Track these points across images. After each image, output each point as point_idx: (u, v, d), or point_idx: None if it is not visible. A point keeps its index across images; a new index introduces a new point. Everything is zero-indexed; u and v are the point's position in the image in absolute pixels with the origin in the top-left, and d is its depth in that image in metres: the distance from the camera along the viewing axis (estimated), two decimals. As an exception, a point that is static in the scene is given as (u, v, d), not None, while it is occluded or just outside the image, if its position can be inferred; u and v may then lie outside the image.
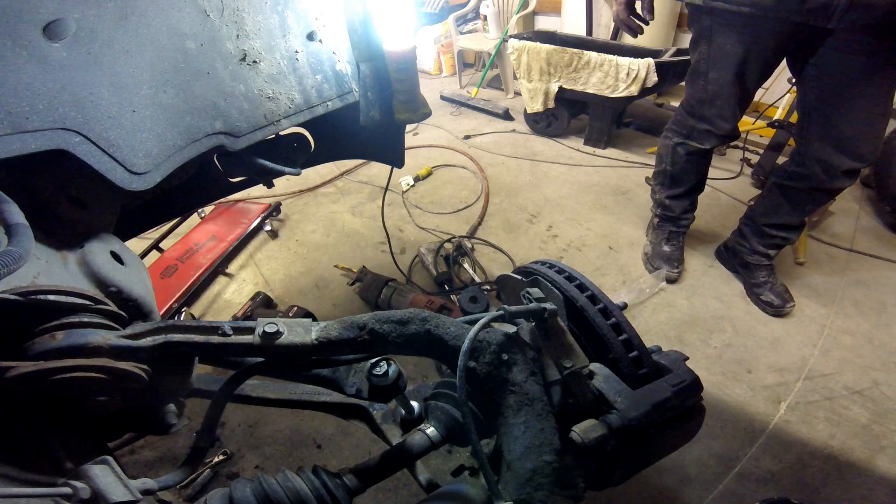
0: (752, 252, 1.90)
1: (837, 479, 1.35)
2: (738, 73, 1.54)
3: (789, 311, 1.86)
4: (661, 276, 2.02)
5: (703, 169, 1.94)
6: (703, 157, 1.89)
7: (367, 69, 1.09)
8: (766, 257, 1.89)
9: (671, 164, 1.94)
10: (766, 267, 1.91)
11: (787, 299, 1.86)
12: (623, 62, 2.58)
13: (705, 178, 2.00)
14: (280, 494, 0.58)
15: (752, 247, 1.89)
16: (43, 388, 0.47)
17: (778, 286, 1.89)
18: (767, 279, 1.90)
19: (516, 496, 0.60)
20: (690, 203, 2.05)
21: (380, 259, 2.23)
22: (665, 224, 2.11)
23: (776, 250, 1.88)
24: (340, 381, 0.87)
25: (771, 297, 1.87)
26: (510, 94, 3.92)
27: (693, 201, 2.06)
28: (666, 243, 2.10)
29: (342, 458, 1.46)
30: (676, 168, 1.93)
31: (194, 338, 0.58)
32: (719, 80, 1.59)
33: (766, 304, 1.88)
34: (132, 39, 0.72)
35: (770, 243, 1.85)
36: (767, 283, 1.89)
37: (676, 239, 2.10)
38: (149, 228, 1.32)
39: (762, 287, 1.90)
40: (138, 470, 1.44)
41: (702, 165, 1.92)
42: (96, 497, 0.45)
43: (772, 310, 1.86)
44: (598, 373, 0.73)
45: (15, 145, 0.57)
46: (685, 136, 1.82)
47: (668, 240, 2.10)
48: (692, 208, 2.07)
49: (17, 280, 0.53)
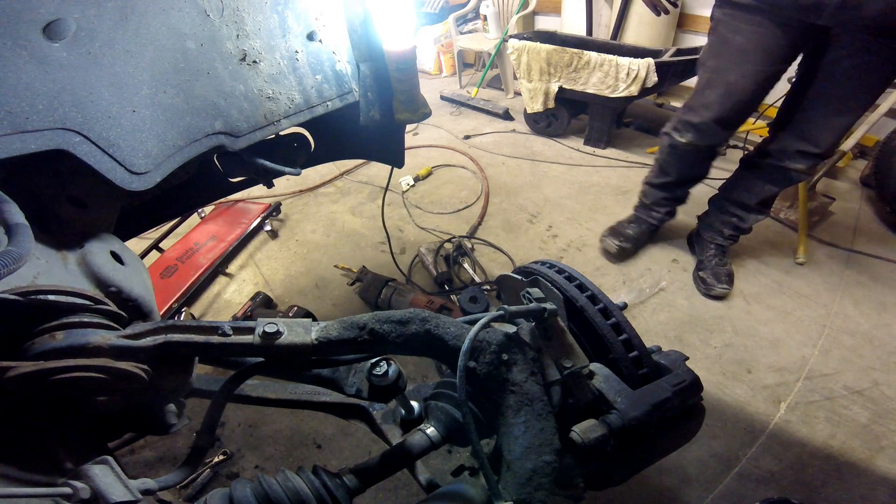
0: (707, 228, 1.98)
1: (837, 479, 1.35)
2: (738, 62, 1.54)
3: (720, 293, 1.90)
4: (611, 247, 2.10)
5: (683, 166, 1.90)
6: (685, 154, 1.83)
7: (367, 69, 1.09)
8: (720, 235, 1.94)
9: (660, 153, 1.97)
10: (716, 247, 1.96)
11: (723, 281, 1.89)
12: (623, 62, 2.58)
13: (687, 181, 1.97)
14: (280, 494, 0.58)
15: (710, 222, 1.97)
16: (43, 388, 0.46)
17: (721, 268, 1.93)
18: (713, 258, 1.95)
19: (516, 496, 0.60)
20: (664, 198, 2.04)
21: (380, 259, 2.23)
22: (639, 209, 2.17)
23: (731, 231, 1.92)
24: (340, 381, 0.87)
25: (707, 275, 1.92)
26: (510, 94, 3.92)
27: (669, 198, 2.04)
28: (629, 224, 2.16)
29: (342, 458, 1.46)
30: (662, 156, 1.96)
31: (194, 338, 0.58)
32: (715, 68, 1.60)
33: (700, 281, 1.95)
34: (132, 39, 0.72)
35: (726, 220, 1.91)
36: (712, 262, 1.95)
37: (639, 226, 2.14)
38: (149, 228, 1.32)
39: (704, 264, 1.96)
40: (138, 470, 1.44)
41: (683, 163, 1.88)
42: (96, 497, 0.44)
43: (703, 287, 1.93)
44: (598, 373, 0.73)
45: (15, 145, 0.57)
46: (672, 126, 1.83)
47: (631, 221, 2.17)
48: (666, 205, 2.07)
49: (17, 280, 0.53)
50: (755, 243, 2.20)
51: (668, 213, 2.11)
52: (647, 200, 2.09)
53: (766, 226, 2.31)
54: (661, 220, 2.13)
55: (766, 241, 2.22)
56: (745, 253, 2.15)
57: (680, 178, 1.95)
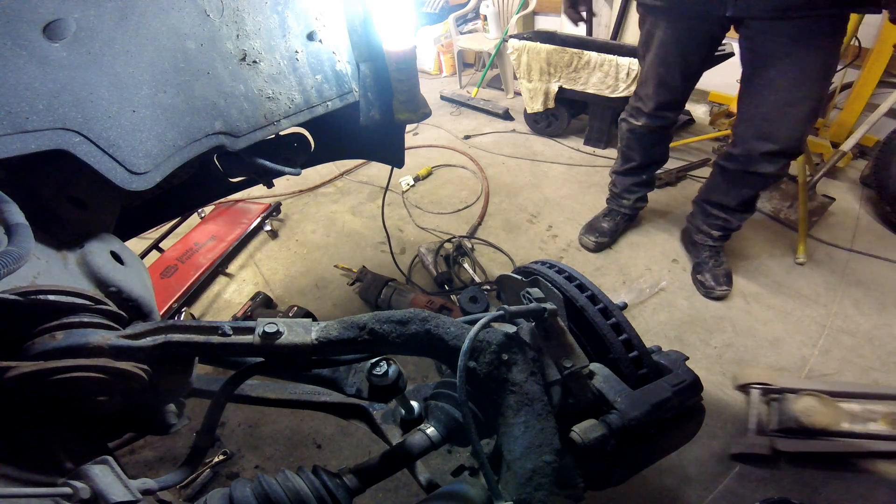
0: (697, 231, 1.98)
1: (837, 479, 1.35)
2: (662, 55, 1.63)
3: (721, 295, 1.89)
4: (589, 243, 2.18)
5: (644, 149, 1.97)
6: (643, 136, 1.92)
7: (367, 69, 1.09)
8: (710, 237, 1.94)
9: (620, 140, 2.05)
10: (710, 248, 1.96)
11: (722, 283, 1.89)
12: (623, 62, 2.58)
13: (650, 164, 2.04)
14: (280, 494, 0.58)
15: (697, 225, 1.97)
16: (43, 388, 0.46)
17: (719, 269, 1.92)
18: (709, 260, 1.95)
19: (516, 496, 0.60)
20: (633, 183, 2.11)
21: (380, 259, 2.23)
22: (610, 201, 2.24)
23: (720, 232, 1.91)
24: (340, 381, 0.87)
25: (706, 278, 1.92)
26: (510, 94, 3.92)
27: (637, 183, 2.11)
28: (604, 218, 2.23)
29: (342, 458, 1.46)
30: (623, 143, 2.04)
31: (194, 338, 0.58)
32: (648, 60, 1.71)
33: (699, 284, 1.94)
34: (132, 39, 0.72)
35: (712, 223, 1.90)
36: (708, 263, 1.94)
37: (613, 217, 2.21)
38: (149, 228, 1.32)
39: (702, 266, 1.96)
40: (138, 470, 1.44)
41: (643, 145, 1.96)
42: (96, 497, 0.44)
43: (703, 290, 1.93)
44: (598, 373, 0.73)
45: (15, 145, 0.57)
46: (628, 113, 1.93)
47: (605, 215, 2.24)
48: (636, 191, 2.14)
49: (17, 280, 0.53)
50: (755, 243, 2.20)
51: (640, 199, 2.18)
52: (617, 189, 2.18)
53: (766, 226, 2.31)
54: (634, 209, 2.20)
55: (766, 241, 2.22)
56: (745, 253, 2.15)
57: (643, 161, 2.02)
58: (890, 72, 2.49)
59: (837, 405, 1.44)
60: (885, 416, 1.41)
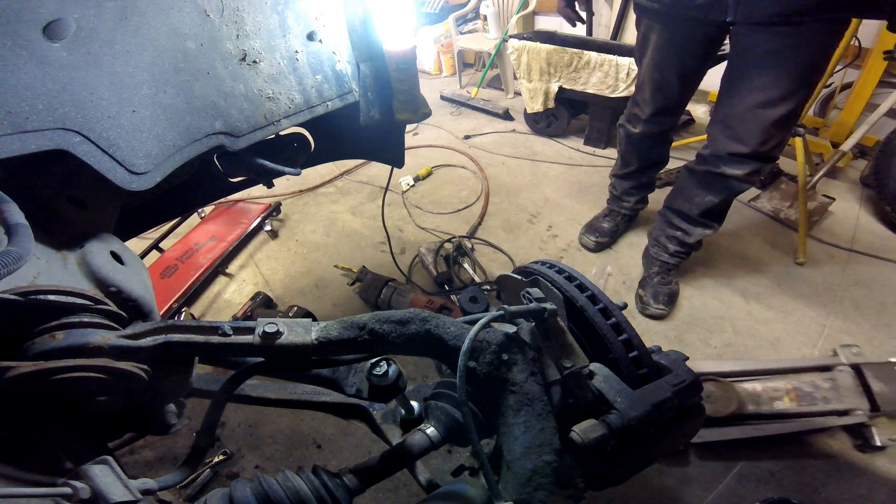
0: (655, 242, 1.95)
1: (837, 479, 1.35)
2: (658, 60, 1.62)
3: (654, 314, 1.84)
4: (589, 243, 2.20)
5: (642, 154, 1.97)
6: (641, 142, 1.91)
7: (367, 69, 1.09)
8: (665, 251, 1.88)
9: (619, 144, 2.05)
10: (661, 264, 1.91)
11: (660, 301, 1.83)
12: (623, 62, 2.58)
13: (649, 167, 2.04)
14: (280, 494, 0.58)
15: (656, 236, 1.93)
16: (43, 388, 0.46)
17: (662, 288, 1.86)
18: (655, 276, 1.90)
19: (516, 496, 0.60)
20: (632, 186, 2.12)
21: (380, 259, 2.23)
22: (610, 202, 2.26)
23: (676, 247, 1.85)
24: (340, 381, 0.87)
25: (645, 293, 1.88)
26: (510, 94, 3.92)
27: (636, 186, 2.12)
28: (604, 218, 2.24)
29: (342, 458, 1.46)
30: (621, 148, 2.04)
31: (194, 338, 0.58)
32: (644, 64, 1.70)
33: (637, 298, 1.91)
34: (132, 39, 0.72)
35: (670, 234, 1.85)
36: (654, 279, 1.90)
37: (613, 218, 2.23)
38: (149, 228, 1.32)
39: (647, 281, 1.92)
40: (138, 470, 1.44)
41: (641, 150, 1.96)
42: (96, 497, 0.44)
43: (640, 305, 1.89)
44: (598, 373, 0.73)
45: (15, 145, 0.57)
46: (626, 119, 1.93)
47: (605, 215, 2.25)
48: (636, 193, 2.15)
49: (17, 280, 0.53)
50: (755, 243, 2.20)
51: (639, 200, 2.19)
52: (617, 192, 2.19)
53: (766, 226, 2.31)
54: (633, 209, 2.21)
55: (766, 241, 2.22)
56: (745, 253, 2.15)
57: (642, 165, 2.02)
58: (890, 72, 2.50)
59: (737, 388, 1.41)
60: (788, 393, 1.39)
